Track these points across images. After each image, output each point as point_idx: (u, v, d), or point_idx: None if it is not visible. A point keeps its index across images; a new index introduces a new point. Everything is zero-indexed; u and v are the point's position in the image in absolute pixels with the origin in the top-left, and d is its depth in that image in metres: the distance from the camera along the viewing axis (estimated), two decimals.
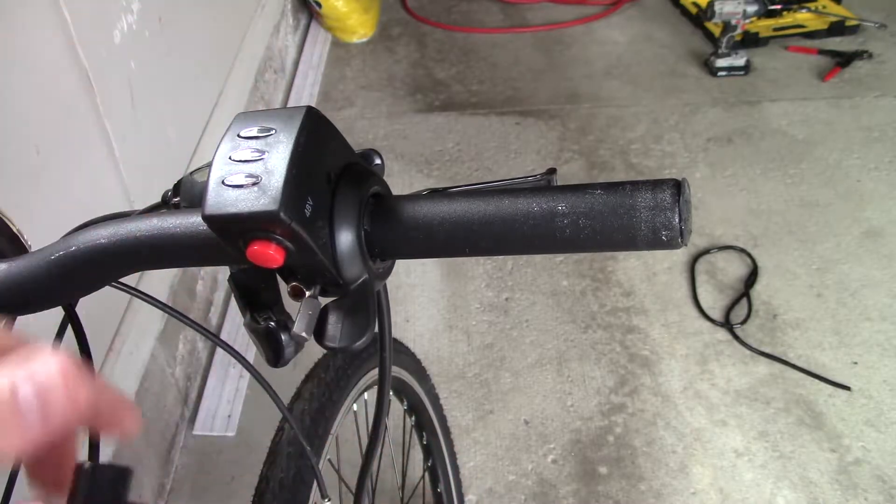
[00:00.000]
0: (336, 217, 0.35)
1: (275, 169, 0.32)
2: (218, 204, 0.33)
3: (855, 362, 1.66)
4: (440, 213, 0.36)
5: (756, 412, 1.59)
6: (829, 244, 1.94)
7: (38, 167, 1.07)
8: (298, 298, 0.36)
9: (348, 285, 0.36)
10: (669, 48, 2.74)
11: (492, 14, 3.00)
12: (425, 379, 1.14)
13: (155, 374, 1.45)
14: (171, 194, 0.44)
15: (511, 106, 2.49)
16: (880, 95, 2.42)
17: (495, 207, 0.35)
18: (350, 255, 0.35)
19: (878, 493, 1.44)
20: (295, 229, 0.32)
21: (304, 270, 0.35)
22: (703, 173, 2.17)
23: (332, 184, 0.35)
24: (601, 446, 1.54)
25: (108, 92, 1.27)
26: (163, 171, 1.52)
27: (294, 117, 0.34)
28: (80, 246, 0.39)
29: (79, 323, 0.54)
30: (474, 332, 1.78)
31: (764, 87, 2.50)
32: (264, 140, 0.34)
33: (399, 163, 2.27)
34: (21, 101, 1.04)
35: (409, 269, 1.93)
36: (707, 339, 1.74)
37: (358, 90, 2.62)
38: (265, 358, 0.41)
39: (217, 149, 0.34)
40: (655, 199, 0.32)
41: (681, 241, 0.33)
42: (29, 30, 1.06)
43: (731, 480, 1.47)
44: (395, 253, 0.38)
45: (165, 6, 1.55)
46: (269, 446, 0.90)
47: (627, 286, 1.87)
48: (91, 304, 0.54)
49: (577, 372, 1.68)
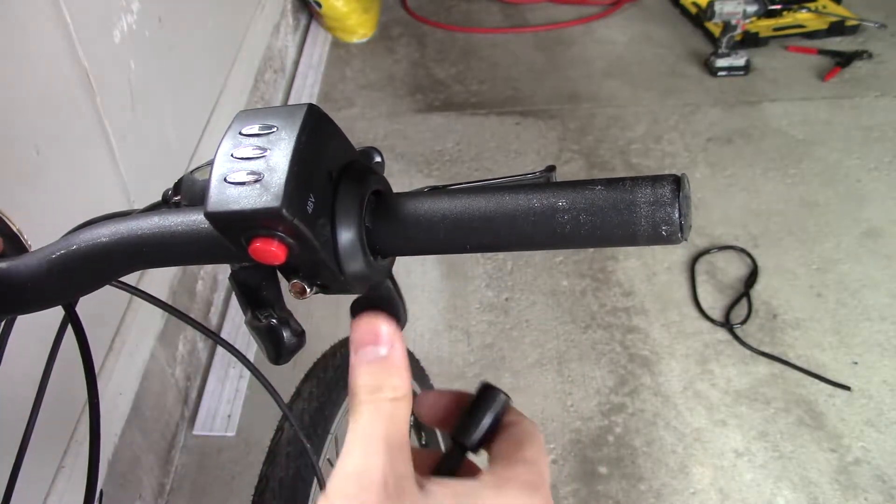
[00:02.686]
0: (338, 214, 0.35)
1: (277, 166, 0.32)
2: (220, 201, 0.33)
3: (855, 362, 1.66)
4: (441, 210, 0.36)
5: (756, 412, 1.59)
6: (829, 244, 1.94)
7: (38, 167, 1.07)
8: (300, 296, 0.36)
9: (349, 282, 0.36)
10: (669, 48, 2.74)
11: (492, 14, 3.00)
12: (424, 379, 1.14)
13: (155, 373, 1.45)
14: (172, 193, 0.44)
15: (511, 106, 2.49)
16: (880, 95, 2.42)
17: (496, 204, 0.35)
18: (352, 251, 0.35)
19: (878, 493, 1.44)
20: (297, 226, 0.32)
21: (306, 268, 0.36)
22: (702, 173, 2.17)
23: (333, 181, 0.35)
24: (601, 446, 1.54)
25: (108, 92, 1.27)
26: (163, 171, 1.52)
27: (295, 115, 0.34)
28: (81, 245, 0.39)
29: (79, 323, 0.54)
30: (474, 332, 1.78)
31: (764, 87, 2.50)
32: (266, 137, 0.34)
33: (399, 163, 2.27)
34: (21, 102, 1.04)
35: (409, 269, 1.93)
36: (707, 339, 1.74)
37: (358, 90, 2.62)
38: (266, 355, 0.41)
39: (219, 146, 0.34)
40: (655, 194, 0.33)
41: (681, 237, 0.33)
42: (29, 30, 1.06)
43: (731, 480, 1.47)
44: (396, 250, 0.38)
45: (165, 6, 1.55)
46: (269, 445, 0.90)
47: (627, 286, 1.87)
48: (91, 304, 0.54)
49: (577, 372, 1.68)
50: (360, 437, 0.33)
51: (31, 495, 1.07)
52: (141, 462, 1.38)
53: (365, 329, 0.35)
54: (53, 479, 1.12)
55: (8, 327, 0.51)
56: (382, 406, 0.33)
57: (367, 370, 0.34)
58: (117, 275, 0.41)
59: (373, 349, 0.35)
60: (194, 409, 1.63)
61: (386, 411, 0.33)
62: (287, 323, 0.41)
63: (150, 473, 1.43)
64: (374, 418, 0.33)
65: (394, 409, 0.33)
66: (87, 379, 0.55)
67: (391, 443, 0.32)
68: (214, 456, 1.55)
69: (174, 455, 1.53)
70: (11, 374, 0.76)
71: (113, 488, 1.27)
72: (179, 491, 1.50)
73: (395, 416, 0.33)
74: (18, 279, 0.40)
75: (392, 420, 0.33)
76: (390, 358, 0.35)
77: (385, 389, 0.34)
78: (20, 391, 0.72)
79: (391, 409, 0.33)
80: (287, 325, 0.41)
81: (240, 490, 1.49)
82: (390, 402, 0.34)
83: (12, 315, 0.48)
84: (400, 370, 0.35)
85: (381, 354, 0.35)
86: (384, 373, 0.34)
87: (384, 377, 0.34)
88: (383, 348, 0.35)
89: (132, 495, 1.35)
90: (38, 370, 0.56)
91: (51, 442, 1.13)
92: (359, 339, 0.35)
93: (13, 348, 0.51)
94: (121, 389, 1.31)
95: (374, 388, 0.34)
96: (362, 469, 0.31)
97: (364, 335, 0.35)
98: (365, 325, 0.35)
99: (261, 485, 0.85)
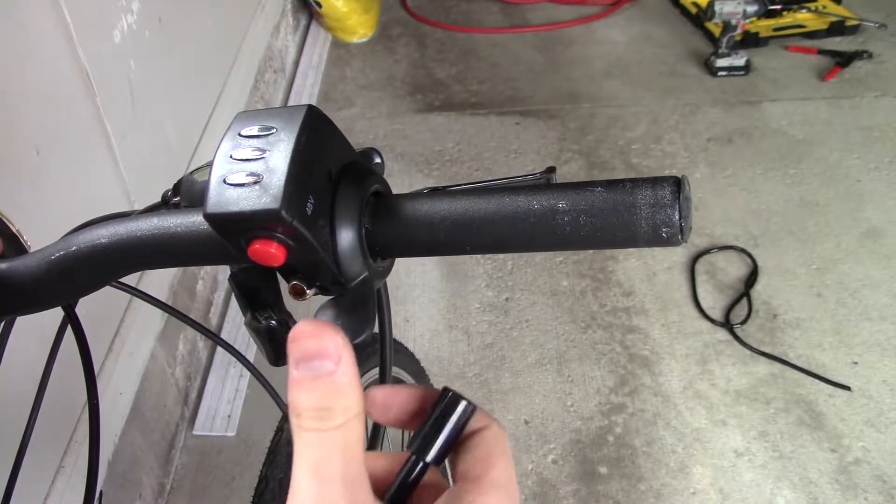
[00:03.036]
0: (337, 215, 0.35)
1: (276, 167, 0.32)
2: (220, 202, 0.33)
3: (855, 362, 1.66)
4: (440, 211, 0.36)
5: (756, 412, 1.59)
6: (829, 244, 1.94)
7: (38, 167, 1.07)
8: (299, 297, 0.36)
9: (349, 283, 0.36)
10: (669, 48, 2.74)
11: (492, 14, 3.00)
12: (424, 379, 1.14)
13: (155, 374, 1.45)
14: (171, 194, 0.44)
15: (511, 106, 2.49)
16: (880, 95, 2.42)
17: (496, 205, 0.35)
18: (351, 253, 0.35)
19: (878, 493, 1.44)
20: (296, 227, 0.32)
21: (305, 269, 0.36)
22: (702, 173, 2.17)
23: (332, 182, 0.35)
24: (601, 446, 1.54)
25: (108, 92, 1.27)
26: (163, 171, 1.52)
27: (295, 116, 0.34)
28: (81, 245, 0.39)
29: (78, 323, 0.54)
30: (474, 332, 1.78)
31: (764, 87, 2.50)
32: (265, 139, 0.34)
33: (399, 163, 2.27)
34: (21, 102, 1.04)
35: (409, 269, 1.93)
36: (707, 339, 1.74)
37: (358, 90, 2.62)
38: (266, 356, 0.41)
39: (218, 148, 0.34)
40: (656, 196, 0.33)
41: (681, 238, 0.33)
42: (29, 30, 1.06)
43: (731, 480, 1.47)
44: (395, 251, 0.38)
45: (165, 6, 1.55)
46: (269, 446, 0.90)
47: (627, 286, 1.87)
48: (91, 304, 0.54)
49: (577, 372, 1.68)
50: (311, 476, 0.28)
51: (31, 495, 1.07)
52: (141, 462, 1.38)
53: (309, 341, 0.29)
54: (53, 479, 1.12)
55: (8, 327, 0.51)
56: (332, 436, 0.29)
57: (313, 388, 0.29)
58: (117, 276, 0.41)
59: (318, 364, 0.29)
60: (194, 410, 1.63)
61: (337, 442, 0.29)
62: (286, 324, 0.41)
63: (150, 473, 1.43)
64: (327, 452, 0.28)
65: (345, 438, 0.29)
66: (87, 379, 0.55)
67: (349, 479, 0.28)
68: (214, 456, 1.55)
69: (174, 455, 1.53)
70: (11, 374, 0.76)
71: (113, 488, 1.27)
72: (179, 491, 1.50)
73: (350, 445, 0.29)
74: (18, 280, 0.40)
75: (346, 450, 0.29)
76: (339, 374, 0.29)
77: (335, 412, 0.29)
78: (20, 391, 0.72)
79: (342, 438, 0.29)
80: (286, 326, 0.41)
81: (240, 490, 1.49)
82: (340, 428, 0.29)
83: (12, 315, 0.48)
84: (350, 388, 0.29)
85: (328, 370, 0.29)
86: (333, 393, 0.29)
87: (333, 398, 0.29)
88: (330, 363, 0.29)
89: (132, 495, 1.35)
90: (38, 370, 0.56)
91: (51, 442, 1.13)
92: (301, 352, 0.29)
93: (13, 348, 0.51)
94: (121, 389, 1.31)
95: (321, 412, 0.29)
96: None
97: (307, 346, 0.29)
98: (308, 333, 0.30)
99: (260, 485, 0.85)
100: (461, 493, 0.30)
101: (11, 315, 0.47)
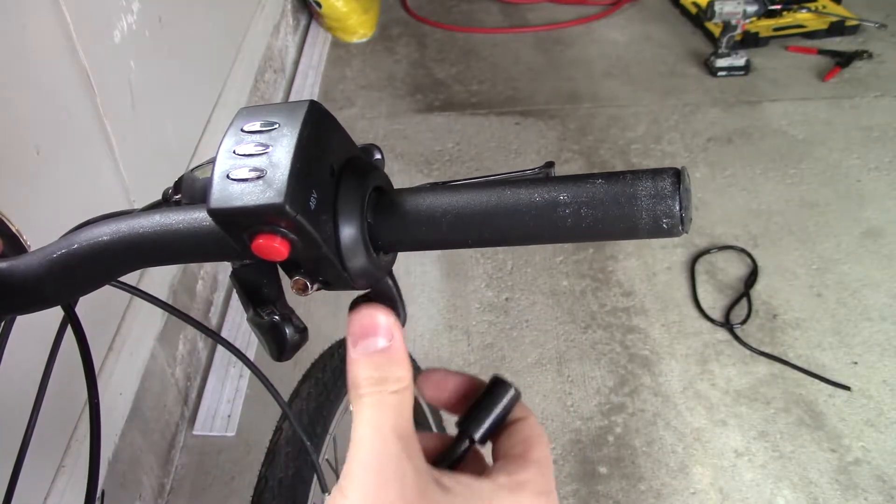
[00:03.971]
0: (340, 210, 0.35)
1: (279, 162, 0.32)
2: (223, 198, 0.32)
3: (855, 362, 1.66)
4: (442, 205, 0.36)
5: (756, 412, 1.59)
6: (829, 244, 1.94)
7: (38, 167, 1.07)
8: (302, 292, 0.36)
9: (352, 278, 0.36)
10: (669, 48, 2.74)
11: (492, 14, 3.00)
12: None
13: (155, 373, 1.45)
14: (172, 191, 0.44)
15: (511, 106, 2.49)
16: (880, 95, 2.42)
17: (497, 198, 0.35)
18: (354, 247, 0.35)
19: (878, 493, 1.44)
20: (300, 222, 0.32)
21: (308, 264, 0.36)
22: (702, 173, 2.17)
23: (335, 177, 0.35)
24: (601, 446, 1.54)
25: (108, 92, 1.27)
26: (163, 171, 1.52)
27: (297, 111, 0.34)
28: (82, 244, 0.39)
29: (78, 323, 0.54)
30: (474, 332, 1.78)
31: (764, 87, 2.50)
32: (268, 134, 0.34)
33: (399, 162, 2.27)
34: (21, 102, 1.04)
35: (409, 268, 1.93)
36: (707, 339, 1.74)
37: (358, 90, 2.62)
38: (269, 352, 0.41)
39: (221, 143, 0.34)
40: (656, 187, 0.33)
41: (682, 229, 0.33)
42: (29, 30, 1.06)
43: (731, 480, 1.47)
44: (397, 245, 0.38)
45: (165, 6, 1.55)
46: (268, 446, 0.90)
47: (627, 286, 1.87)
48: (91, 304, 0.54)
49: (577, 372, 1.68)
50: (370, 429, 0.32)
51: (31, 495, 1.07)
52: (141, 462, 1.38)
53: (364, 321, 0.35)
54: (54, 479, 1.12)
55: (8, 327, 0.51)
56: (387, 398, 0.33)
57: (369, 362, 0.34)
58: (118, 274, 0.41)
59: (373, 340, 0.34)
60: (194, 409, 1.62)
61: (391, 403, 0.33)
62: (289, 319, 0.41)
63: (150, 473, 1.42)
64: (381, 410, 0.33)
65: (399, 401, 0.33)
66: (87, 379, 0.55)
67: (402, 434, 0.32)
68: (214, 456, 1.55)
69: (174, 455, 1.53)
70: (11, 374, 0.76)
71: (113, 488, 1.27)
72: (179, 491, 1.50)
73: (401, 408, 0.33)
74: (18, 279, 0.40)
75: (398, 411, 0.33)
76: (392, 349, 0.34)
77: (389, 381, 0.33)
78: (20, 391, 0.72)
79: (396, 400, 0.33)
80: (289, 322, 0.41)
81: (240, 490, 1.48)
82: (395, 394, 0.33)
83: (12, 315, 0.48)
84: (402, 361, 0.34)
85: (382, 346, 0.34)
86: (387, 364, 0.34)
87: (387, 369, 0.34)
88: (383, 340, 0.34)
89: (132, 495, 1.35)
90: (38, 370, 0.55)
91: (51, 442, 1.13)
92: (358, 332, 0.35)
93: (13, 348, 0.51)
94: (121, 389, 1.31)
95: (377, 381, 0.33)
96: (378, 464, 0.31)
97: (363, 327, 0.35)
98: (364, 317, 0.35)
99: (260, 485, 0.85)
100: (504, 466, 0.35)
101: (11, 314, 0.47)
